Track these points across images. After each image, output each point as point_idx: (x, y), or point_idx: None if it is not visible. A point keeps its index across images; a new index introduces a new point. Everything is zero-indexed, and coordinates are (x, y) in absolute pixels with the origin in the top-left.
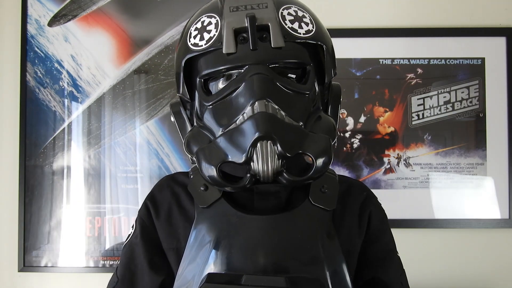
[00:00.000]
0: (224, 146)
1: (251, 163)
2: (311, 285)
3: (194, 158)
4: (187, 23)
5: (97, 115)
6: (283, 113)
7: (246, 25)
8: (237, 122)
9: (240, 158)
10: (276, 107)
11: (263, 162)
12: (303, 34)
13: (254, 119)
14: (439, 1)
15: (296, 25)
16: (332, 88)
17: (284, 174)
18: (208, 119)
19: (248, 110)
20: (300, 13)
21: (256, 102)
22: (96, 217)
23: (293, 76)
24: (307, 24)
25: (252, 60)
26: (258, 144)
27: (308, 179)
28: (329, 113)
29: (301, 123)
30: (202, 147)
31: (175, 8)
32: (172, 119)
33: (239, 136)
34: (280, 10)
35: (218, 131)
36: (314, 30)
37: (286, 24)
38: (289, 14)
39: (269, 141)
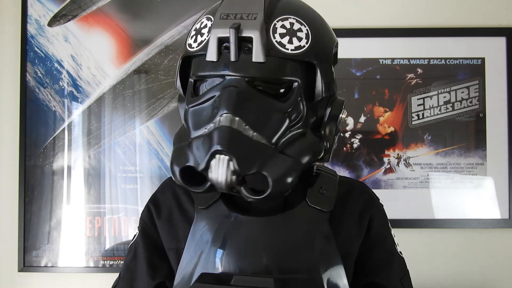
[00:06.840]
0: (190, 150)
1: (208, 172)
2: (301, 286)
3: None
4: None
5: (97, 115)
6: (250, 130)
7: (229, 35)
8: (207, 129)
9: (199, 166)
10: (244, 123)
11: (217, 175)
12: (291, 50)
13: (216, 131)
14: (439, 1)
15: (285, 40)
16: (333, 105)
17: (242, 190)
18: (187, 120)
19: (217, 121)
20: (296, 26)
21: (223, 115)
22: (96, 217)
23: (282, 90)
24: (299, 39)
25: (231, 71)
26: (216, 156)
27: (264, 199)
28: (324, 130)
29: (272, 141)
30: (176, 147)
31: (175, 8)
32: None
33: (202, 144)
34: (274, 21)
35: (192, 134)
36: (306, 46)
37: (274, 38)
38: (282, 26)
39: (226, 156)
